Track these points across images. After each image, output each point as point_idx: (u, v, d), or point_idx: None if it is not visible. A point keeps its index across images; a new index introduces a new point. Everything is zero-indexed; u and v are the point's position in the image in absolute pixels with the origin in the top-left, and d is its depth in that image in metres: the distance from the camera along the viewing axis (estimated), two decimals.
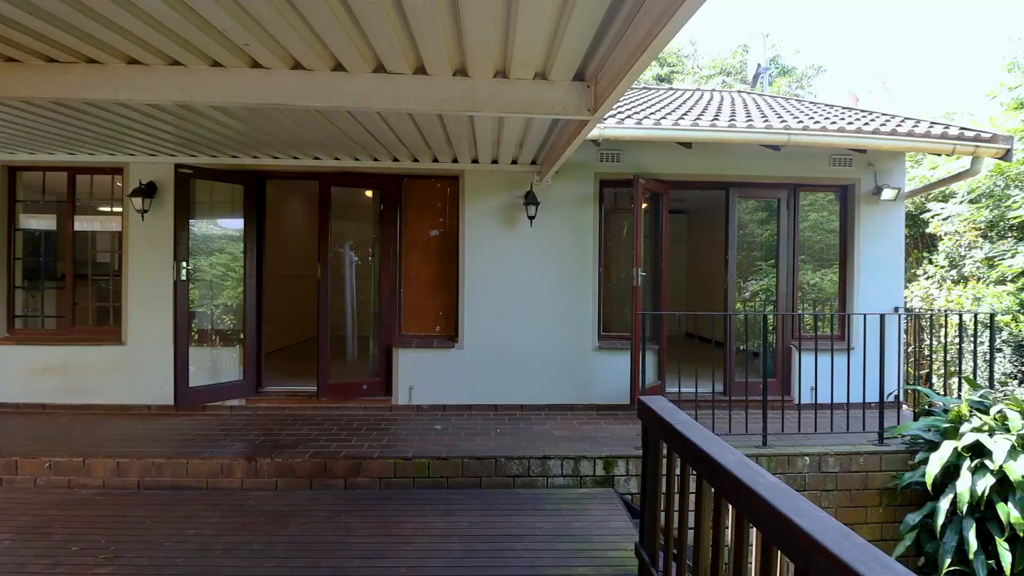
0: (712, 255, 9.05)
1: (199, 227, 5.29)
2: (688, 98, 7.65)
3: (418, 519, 3.53)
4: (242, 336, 5.48)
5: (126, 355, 5.39)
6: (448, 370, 5.54)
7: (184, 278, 4.98)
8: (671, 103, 6.86)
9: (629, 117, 5.30)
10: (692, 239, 10.80)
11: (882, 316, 4.63)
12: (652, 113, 5.64)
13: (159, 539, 3.22)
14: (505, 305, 5.58)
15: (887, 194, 5.73)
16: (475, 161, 5.44)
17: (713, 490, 1.89)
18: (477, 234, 5.58)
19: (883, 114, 6.33)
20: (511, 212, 5.59)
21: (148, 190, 5.27)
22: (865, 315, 5.40)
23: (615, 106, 5.40)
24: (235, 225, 5.54)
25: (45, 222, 5.91)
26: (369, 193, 5.90)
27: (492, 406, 5.54)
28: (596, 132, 4.87)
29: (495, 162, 5.45)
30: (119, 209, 5.53)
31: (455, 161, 5.46)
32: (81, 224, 5.67)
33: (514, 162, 5.42)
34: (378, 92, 2.78)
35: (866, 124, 5.46)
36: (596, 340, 5.64)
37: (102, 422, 4.99)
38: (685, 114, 5.71)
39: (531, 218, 5.47)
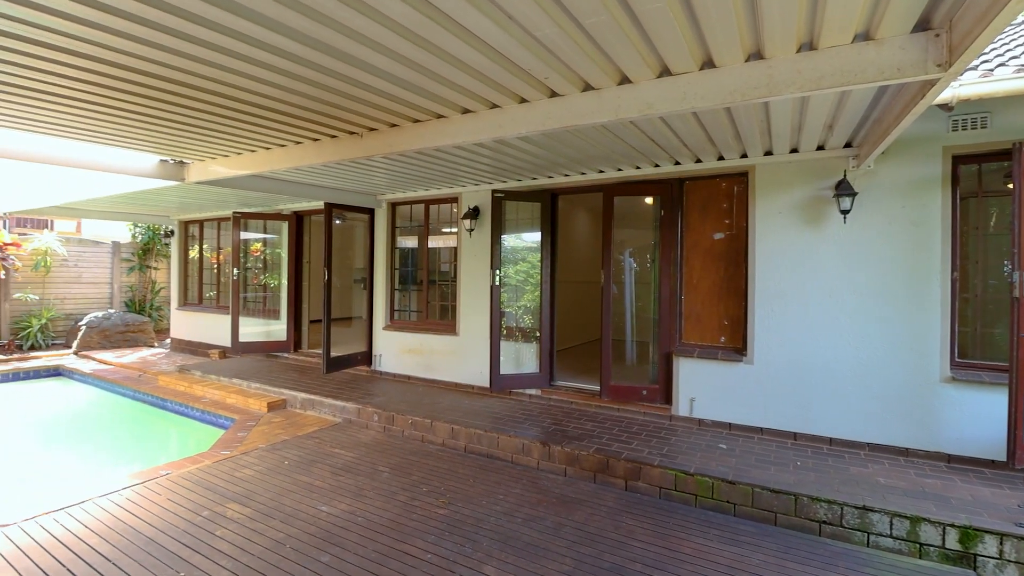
0: None
1: (507, 240, 6.29)
2: None
3: (700, 540, 3.35)
4: (538, 334, 6.24)
5: (458, 344, 6.81)
6: (735, 385, 5.08)
7: (497, 283, 6.00)
8: None
9: (1002, 65, 3.86)
10: None
11: None
12: None
13: (477, 496, 3.93)
14: (807, 317, 4.78)
15: None
16: (768, 153, 4.86)
17: None
18: (771, 235, 4.96)
19: None
20: (816, 207, 4.77)
21: (474, 213, 6.55)
22: None
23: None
24: (533, 237, 6.37)
25: (410, 242, 7.97)
26: (649, 200, 5.95)
27: (790, 433, 4.81)
28: (948, 93, 3.73)
29: (794, 151, 4.75)
30: (455, 229, 7.04)
31: (743, 156, 4.99)
32: (432, 242, 7.44)
33: (820, 148, 4.61)
34: (662, 96, 2.77)
35: None
36: (947, 368, 4.28)
37: (442, 394, 6.42)
38: None
39: (844, 212, 4.54)
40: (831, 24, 2.25)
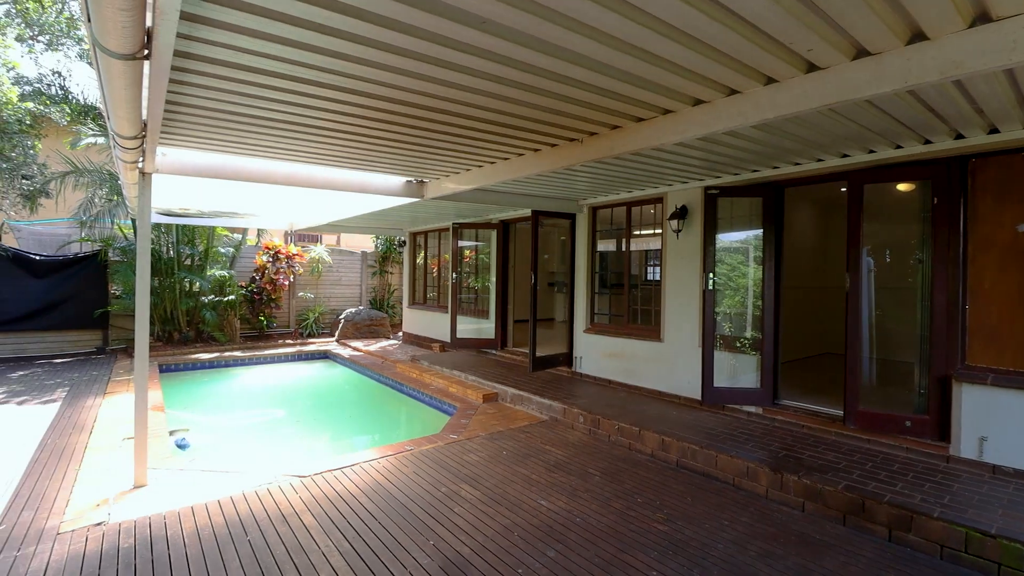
0: None
1: (720, 241, 5.77)
2: None
3: None
4: (760, 345, 5.57)
5: (662, 351, 6.49)
6: None
7: (711, 287, 5.54)
8: None
9: None
10: None
11: None
12: None
13: (698, 517, 3.64)
14: None
15: None
16: None
17: None
18: None
19: None
20: None
21: (681, 213, 6.18)
22: None
23: None
24: (743, 236, 5.73)
25: (610, 245, 7.91)
26: (903, 187, 4.91)
27: None
28: None
29: None
30: (659, 231, 6.74)
31: None
32: (633, 245, 7.26)
33: None
34: (977, 50, 2.16)
35: None
36: None
37: (647, 402, 6.18)
38: None
39: None
40: None
